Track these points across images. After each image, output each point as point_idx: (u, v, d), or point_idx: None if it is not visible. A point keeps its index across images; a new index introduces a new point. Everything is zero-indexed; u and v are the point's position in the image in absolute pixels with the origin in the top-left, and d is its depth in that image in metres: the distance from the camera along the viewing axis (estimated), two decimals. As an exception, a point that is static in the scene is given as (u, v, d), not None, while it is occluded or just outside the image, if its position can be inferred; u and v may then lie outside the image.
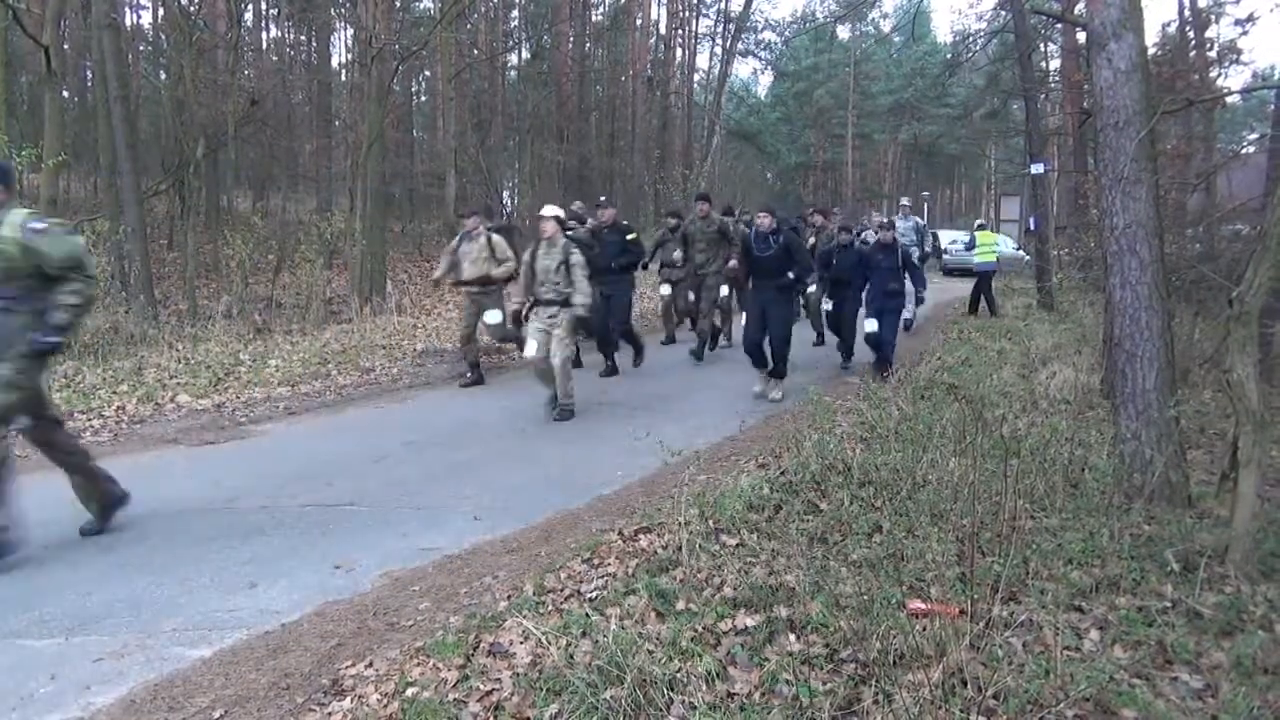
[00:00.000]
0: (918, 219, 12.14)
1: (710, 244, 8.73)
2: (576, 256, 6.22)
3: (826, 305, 8.44)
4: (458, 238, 7.69)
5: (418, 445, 5.59)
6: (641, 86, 27.23)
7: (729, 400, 7.00)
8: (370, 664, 2.76)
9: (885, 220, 8.31)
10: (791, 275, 6.78)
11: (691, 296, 8.99)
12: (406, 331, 10.24)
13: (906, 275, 8.02)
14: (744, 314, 7.25)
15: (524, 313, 6.47)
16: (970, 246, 14.98)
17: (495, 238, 7.55)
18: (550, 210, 6.41)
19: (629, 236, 8.27)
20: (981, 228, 15.33)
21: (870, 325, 7.69)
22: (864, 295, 7.88)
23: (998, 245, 13.96)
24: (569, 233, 6.45)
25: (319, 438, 5.90)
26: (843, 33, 36.63)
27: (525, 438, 5.88)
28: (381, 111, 12.63)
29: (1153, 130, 3.82)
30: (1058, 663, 2.38)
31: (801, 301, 10.27)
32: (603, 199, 9.13)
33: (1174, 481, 3.73)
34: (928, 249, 12.38)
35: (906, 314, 11.12)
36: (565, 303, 6.22)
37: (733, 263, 7.85)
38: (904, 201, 12.60)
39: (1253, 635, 2.60)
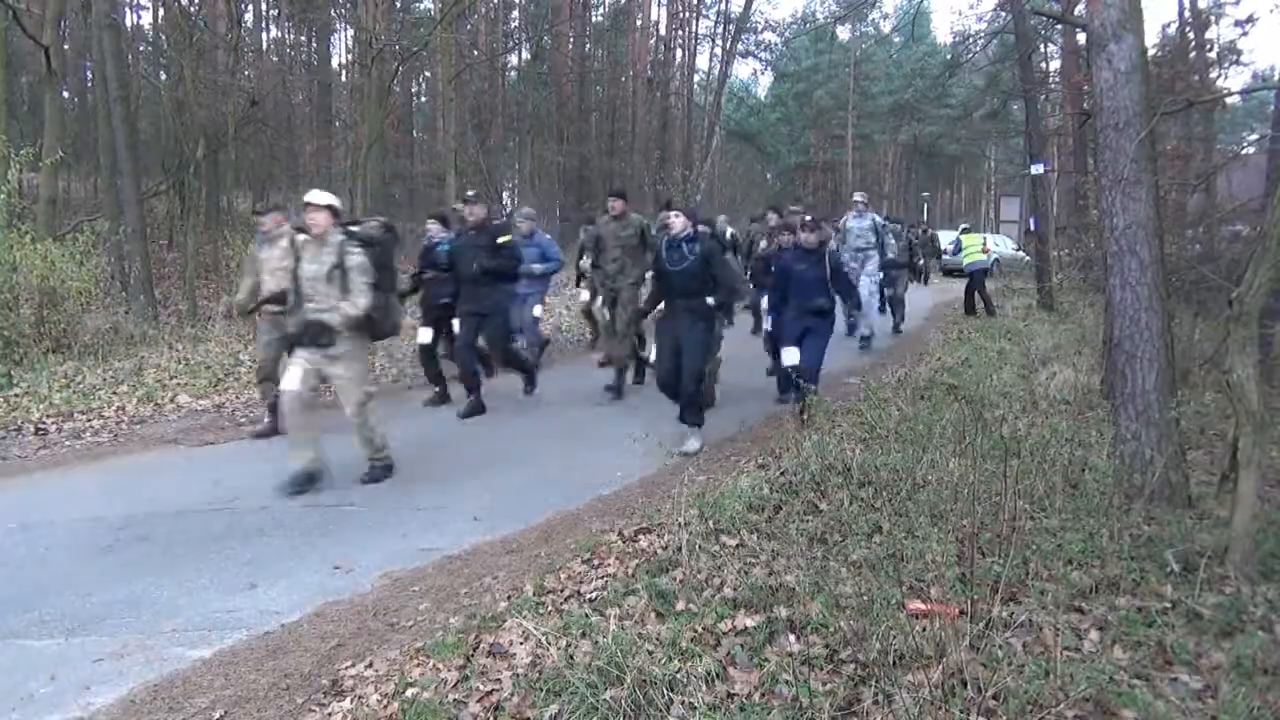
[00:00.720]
0: (876, 216, 10.35)
1: (626, 251, 7.27)
2: (356, 258, 4.63)
3: (766, 324, 6.86)
4: (256, 243, 6.01)
5: (417, 445, 5.58)
6: (641, 87, 27.25)
7: (729, 401, 7.00)
8: (370, 664, 2.76)
9: (809, 219, 6.38)
10: (711, 301, 5.50)
11: (607, 315, 7.52)
12: (406, 331, 10.21)
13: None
14: (654, 344, 5.83)
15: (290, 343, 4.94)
16: (958, 250, 15.10)
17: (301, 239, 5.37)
18: (319, 197, 4.68)
19: (500, 240, 6.57)
20: (966, 230, 15.44)
21: (789, 356, 5.98)
22: (783, 315, 6.24)
23: (996, 247, 13.99)
24: (352, 228, 4.85)
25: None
26: (843, 33, 36.72)
27: (525, 438, 5.88)
28: (382, 112, 12.63)
29: (1153, 131, 3.82)
30: (1058, 663, 2.38)
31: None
32: (470, 194, 7.09)
33: (1174, 482, 3.73)
34: (890, 253, 10.48)
35: (863, 329, 9.51)
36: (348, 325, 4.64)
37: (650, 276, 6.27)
38: (857, 197, 10.51)
39: (1252, 636, 2.60)
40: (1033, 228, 15.05)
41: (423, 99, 28.42)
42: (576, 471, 5.06)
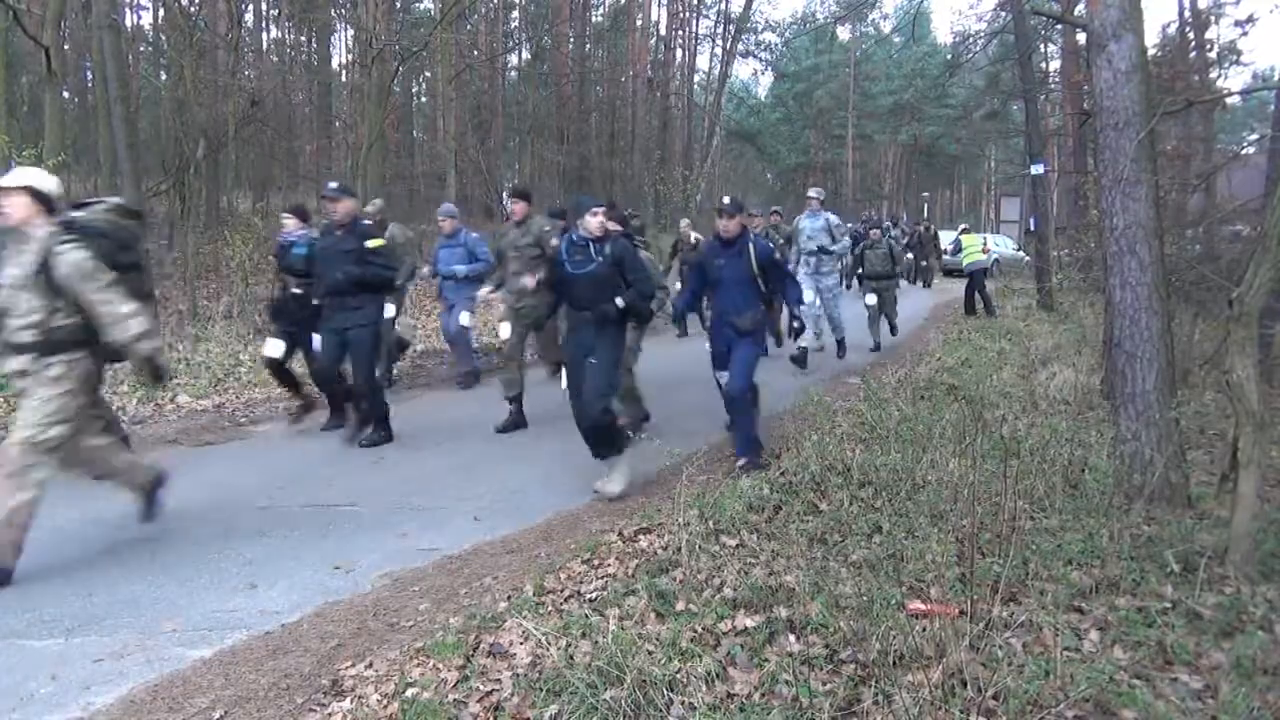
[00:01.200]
0: (830, 216, 8.92)
1: (527, 264, 6.03)
2: (69, 256, 3.42)
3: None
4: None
5: (417, 445, 5.58)
6: (641, 87, 27.26)
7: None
8: (370, 664, 2.76)
9: (726, 201, 5.15)
10: (620, 302, 4.57)
11: (505, 332, 6.27)
12: (406, 332, 10.20)
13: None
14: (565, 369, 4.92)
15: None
16: (957, 250, 15.15)
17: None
18: (15, 177, 3.54)
19: (369, 244, 5.42)
20: (965, 231, 15.46)
21: (724, 376, 5.09)
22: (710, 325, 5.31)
23: (996, 247, 14.01)
24: (76, 214, 3.75)
25: (319, 438, 5.89)
26: (843, 33, 36.79)
27: (524, 438, 5.88)
28: (382, 112, 12.64)
29: (1153, 131, 3.82)
30: (1058, 663, 2.38)
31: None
32: (333, 185, 5.65)
33: (1174, 482, 3.73)
34: (839, 248, 8.80)
35: (808, 341, 8.12)
36: (50, 347, 3.45)
37: (526, 281, 5.46)
38: (811, 194, 9.18)
39: (1252, 636, 2.60)
40: (1033, 228, 15.08)
41: (423, 99, 28.43)
42: (577, 471, 5.05)
